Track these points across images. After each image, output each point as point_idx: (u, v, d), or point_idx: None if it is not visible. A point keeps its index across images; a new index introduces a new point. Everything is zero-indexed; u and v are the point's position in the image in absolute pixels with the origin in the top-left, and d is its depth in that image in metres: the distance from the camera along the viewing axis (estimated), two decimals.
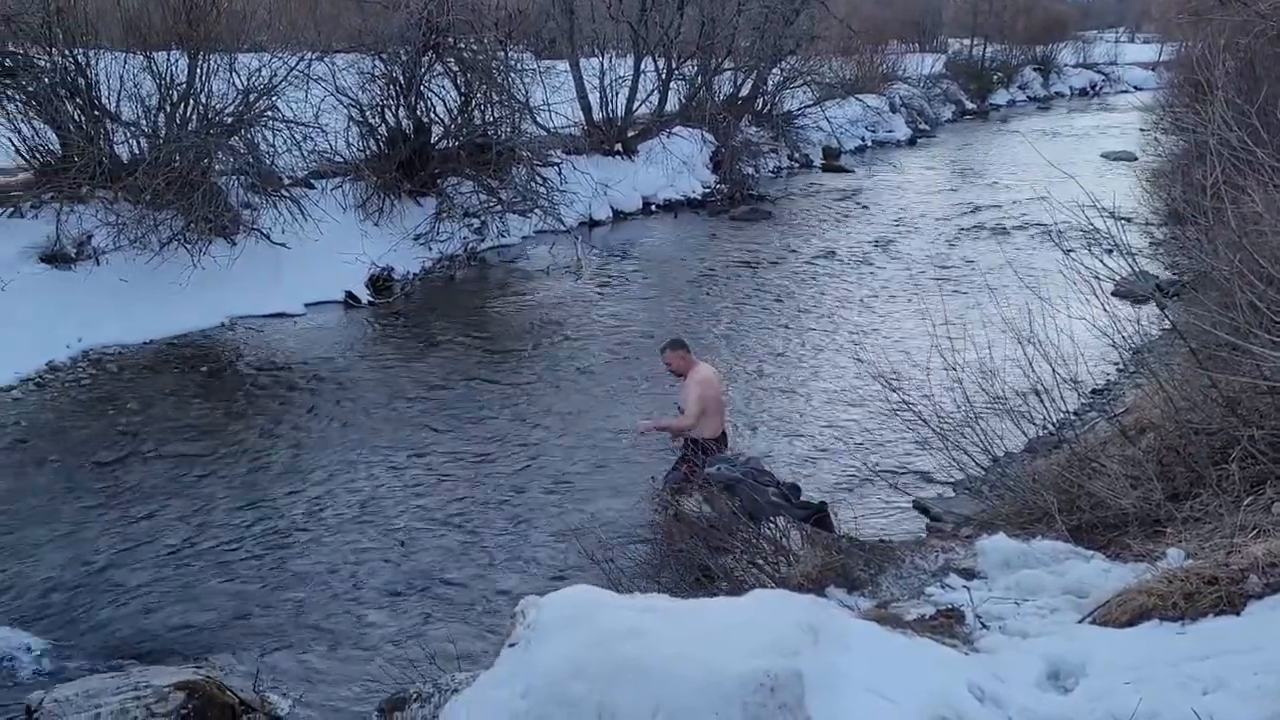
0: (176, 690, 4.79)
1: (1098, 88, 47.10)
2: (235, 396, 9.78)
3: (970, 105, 37.92)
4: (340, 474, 8.18)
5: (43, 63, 11.85)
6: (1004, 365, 6.54)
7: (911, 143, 30.09)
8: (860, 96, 28.03)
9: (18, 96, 12.02)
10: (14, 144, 12.19)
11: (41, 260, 11.17)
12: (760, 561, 5.27)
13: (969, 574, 4.43)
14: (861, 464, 8.33)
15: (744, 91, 23.77)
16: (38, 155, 12.36)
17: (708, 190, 20.77)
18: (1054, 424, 6.45)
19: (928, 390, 6.97)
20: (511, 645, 2.73)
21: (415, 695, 3.34)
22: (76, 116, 12.12)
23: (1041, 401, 6.34)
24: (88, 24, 12.33)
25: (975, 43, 41.29)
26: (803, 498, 7.25)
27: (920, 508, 7.68)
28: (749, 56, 22.92)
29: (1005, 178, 23.53)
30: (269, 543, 7.12)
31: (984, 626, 3.61)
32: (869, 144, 28.78)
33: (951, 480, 7.55)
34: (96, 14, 12.90)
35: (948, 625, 3.58)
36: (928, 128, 32.39)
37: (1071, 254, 7.67)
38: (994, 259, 14.45)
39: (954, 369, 6.74)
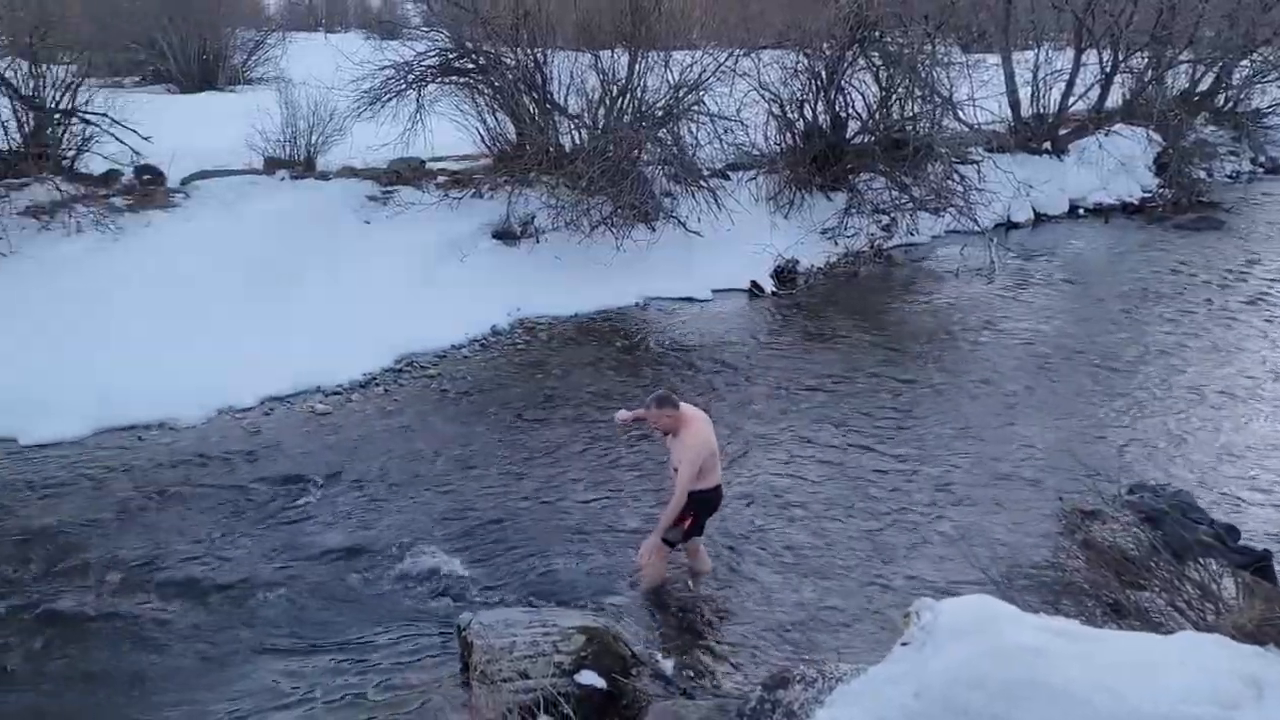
0: (578, 634, 5.20)
1: None
2: (644, 371, 10.43)
3: None
4: (737, 456, 8.43)
5: (509, 60, 13.38)
6: None
7: None
8: None
9: (487, 91, 13.70)
10: (480, 133, 13.98)
11: (493, 237, 12.90)
12: (1182, 604, 4.72)
13: None
14: None
15: (1202, 86, 21.28)
16: (497, 143, 14.06)
17: (1147, 195, 18.85)
18: None
19: None
20: (904, 644, 2.65)
21: (799, 677, 3.36)
22: (532, 109, 13.58)
23: None
24: (548, 25, 13.73)
25: None
26: (1241, 542, 6.43)
27: None
28: (1212, 47, 20.45)
29: None
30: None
31: None
32: None
33: None
34: (555, 16, 14.33)
35: None
36: None
37: None
38: None
39: None
